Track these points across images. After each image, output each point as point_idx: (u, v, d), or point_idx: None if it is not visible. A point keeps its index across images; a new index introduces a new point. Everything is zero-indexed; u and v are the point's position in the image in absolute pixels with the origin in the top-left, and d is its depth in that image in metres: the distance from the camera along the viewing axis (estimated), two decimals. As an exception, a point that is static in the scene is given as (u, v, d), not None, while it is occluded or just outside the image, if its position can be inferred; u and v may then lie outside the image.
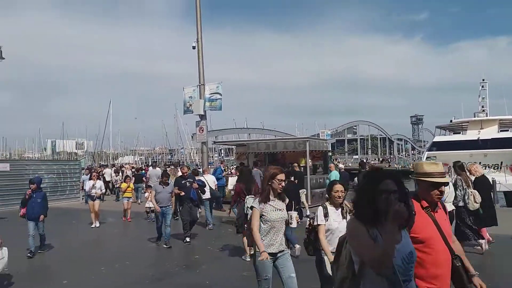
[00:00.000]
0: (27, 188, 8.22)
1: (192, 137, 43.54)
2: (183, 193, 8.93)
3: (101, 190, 11.85)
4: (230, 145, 34.62)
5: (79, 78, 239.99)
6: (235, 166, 19.70)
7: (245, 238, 7.11)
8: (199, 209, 9.62)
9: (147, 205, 12.01)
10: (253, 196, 7.54)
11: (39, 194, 8.02)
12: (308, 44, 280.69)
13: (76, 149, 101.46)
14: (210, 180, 11.27)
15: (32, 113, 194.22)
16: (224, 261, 7.34)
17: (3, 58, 21.25)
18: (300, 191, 11.06)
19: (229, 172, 20.94)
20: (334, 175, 12.06)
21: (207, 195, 10.49)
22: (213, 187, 11.28)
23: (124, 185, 13.20)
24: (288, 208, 4.11)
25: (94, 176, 12.12)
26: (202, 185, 9.74)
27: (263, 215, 3.85)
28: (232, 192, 10.52)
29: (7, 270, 6.04)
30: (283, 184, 3.86)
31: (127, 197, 12.71)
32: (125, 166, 26.62)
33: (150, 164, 27.91)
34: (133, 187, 14.02)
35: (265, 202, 3.86)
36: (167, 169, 16.23)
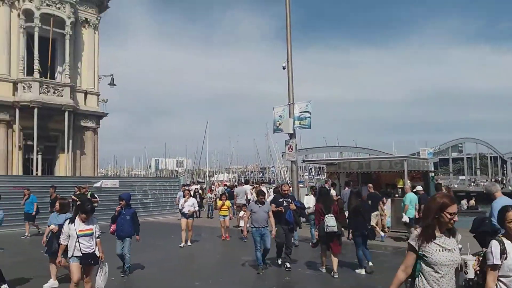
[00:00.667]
0: (134, 204, 8.63)
1: (282, 155, 43.87)
2: (282, 210, 8.09)
3: (194, 208, 11.46)
4: (320, 164, 34.20)
5: (180, 102, 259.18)
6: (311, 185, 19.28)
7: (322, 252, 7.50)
8: (294, 233, 8.72)
9: (241, 224, 11.88)
10: (332, 215, 7.48)
11: (128, 211, 7.72)
12: (404, 57, 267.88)
13: (176, 167, 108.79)
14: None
15: (139, 134, 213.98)
16: (312, 281, 7.11)
17: (115, 85, 23.83)
18: (372, 214, 10.68)
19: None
20: (409, 198, 10.99)
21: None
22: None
23: (219, 203, 12.81)
24: (362, 226, 3.46)
25: (186, 193, 11.77)
26: (301, 206, 8.84)
27: (425, 256, 2.81)
28: (308, 211, 10.39)
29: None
30: (456, 218, 2.83)
31: (223, 215, 12.37)
32: (215, 183, 27.58)
33: (242, 181, 28.64)
34: (230, 205, 13.44)
35: (428, 241, 2.82)
36: (256, 186, 16.42)
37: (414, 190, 11.47)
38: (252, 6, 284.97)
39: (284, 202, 8.24)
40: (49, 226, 6.84)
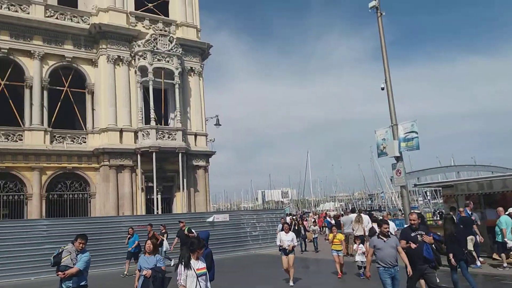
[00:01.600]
0: (244, 237, 8.66)
1: (391, 180, 41.56)
2: (414, 245, 6.86)
3: (292, 241, 10.12)
4: (434, 187, 31.56)
5: (281, 133, 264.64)
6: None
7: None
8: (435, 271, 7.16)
9: (357, 258, 11.03)
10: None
11: (204, 251, 7.13)
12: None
13: (282, 197, 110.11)
14: (390, 226, 10.71)
15: (245, 168, 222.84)
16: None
17: (220, 125, 25.45)
18: (468, 238, 10.12)
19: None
20: (504, 221, 10.16)
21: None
22: (393, 233, 10.64)
23: (330, 236, 11.66)
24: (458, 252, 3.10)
25: (286, 227, 10.46)
26: (439, 239, 7.43)
27: None
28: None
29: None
30: None
31: (337, 249, 11.09)
32: (309, 214, 26.61)
33: (349, 209, 27.72)
34: (343, 237, 11.88)
35: None
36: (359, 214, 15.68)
37: (507, 213, 10.80)
38: (344, 31, 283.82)
39: (417, 235, 6.98)
40: (139, 270, 6.26)
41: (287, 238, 10.10)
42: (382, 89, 15.58)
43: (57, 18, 20.40)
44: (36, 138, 19.10)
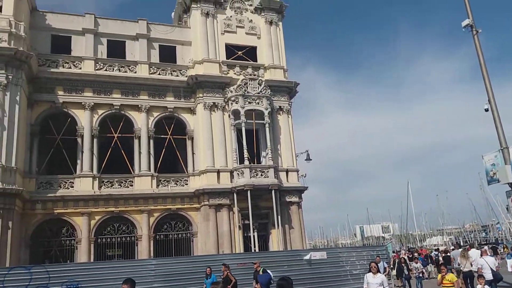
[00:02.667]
0: (344, 276, 8.20)
1: (507, 209, 37.09)
2: None
3: (382, 286, 8.87)
4: None
5: (375, 163, 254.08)
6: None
7: None
8: None
9: None
10: None
11: None
12: None
13: (382, 233, 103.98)
14: (490, 261, 9.65)
15: (339, 201, 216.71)
16: None
17: (311, 159, 25.46)
18: None
19: None
20: None
21: (488, 276, 9.54)
22: (494, 269, 10.03)
23: (439, 276, 10.03)
24: None
25: (373, 267, 9.27)
26: None
27: None
28: None
29: None
30: None
31: None
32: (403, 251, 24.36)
33: (460, 243, 25.26)
34: (455, 279, 10.02)
35: None
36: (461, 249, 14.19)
37: None
38: (436, 53, 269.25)
39: None
40: None
41: (375, 281, 8.82)
42: (486, 110, 14.42)
43: (159, 74, 22.79)
44: (144, 183, 21.02)
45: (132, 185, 20.97)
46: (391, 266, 16.86)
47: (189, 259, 17.94)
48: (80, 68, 21.34)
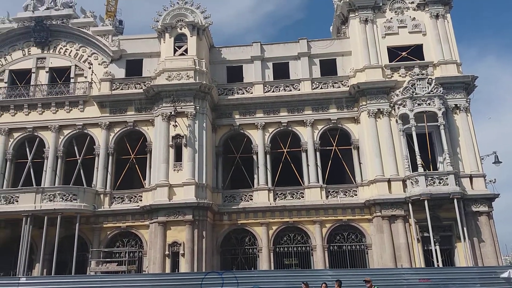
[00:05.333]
0: None
1: None
2: None
3: None
4: None
5: None
6: None
7: None
8: None
9: None
10: None
11: None
12: None
13: None
14: None
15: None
16: None
17: (500, 162, 22.18)
18: None
19: None
20: None
21: None
22: None
23: None
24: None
25: None
26: None
27: None
28: None
29: None
30: None
31: None
32: None
33: None
34: None
35: None
36: None
37: None
38: None
39: None
40: None
41: None
42: None
43: (321, 88, 23.37)
44: (314, 194, 21.63)
45: (303, 197, 21.83)
46: None
47: (365, 272, 17.55)
48: (252, 93, 23.56)
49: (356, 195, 21.73)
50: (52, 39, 24.27)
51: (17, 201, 20.44)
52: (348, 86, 22.99)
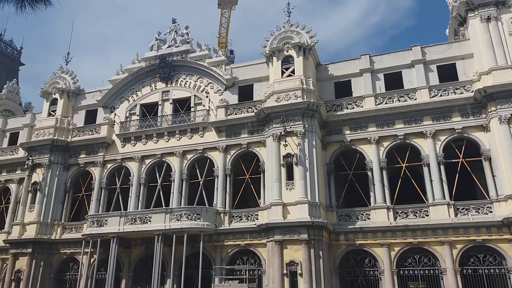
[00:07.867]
0: None
1: None
2: None
3: None
4: None
5: None
6: None
7: None
8: None
9: None
10: None
11: None
12: None
13: None
14: None
15: None
16: None
17: None
18: None
19: None
20: None
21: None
22: None
23: None
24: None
25: None
26: None
27: None
28: None
29: None
30: None
31: None
32: None
33: None
34: None
35: None
36: None
37: None
38: None
39: None
40: None
41: None
42: None
43: (440, 95, 21.52)
44: (440, 212, 19.72)
45: (427, 215, 20.05)
46: None
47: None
48: (362, 107, 22.77)
49: (491, 212, 19.21)
50: (174, 73, 26.90)
51: (150, 221, 22.63)
52: (472, 92, 20.79)
